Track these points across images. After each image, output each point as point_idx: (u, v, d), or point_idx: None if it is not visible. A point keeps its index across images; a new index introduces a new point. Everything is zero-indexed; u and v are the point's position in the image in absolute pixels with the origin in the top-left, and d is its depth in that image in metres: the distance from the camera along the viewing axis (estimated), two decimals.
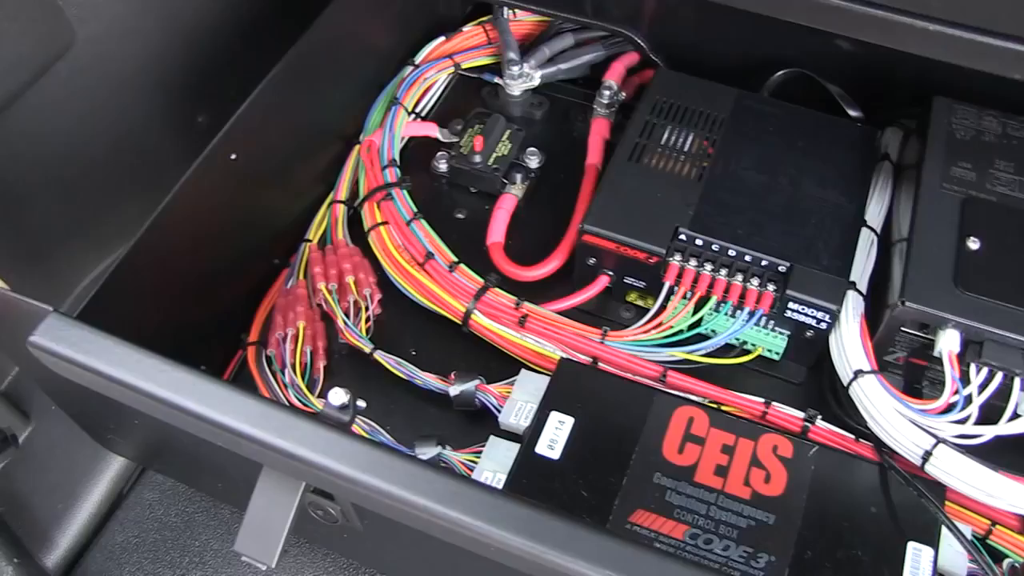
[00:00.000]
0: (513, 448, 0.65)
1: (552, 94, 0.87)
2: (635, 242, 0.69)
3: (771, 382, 0.72)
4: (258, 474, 0.55)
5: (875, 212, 0.74)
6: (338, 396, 0.58)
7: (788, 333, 0.70)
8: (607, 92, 0.82)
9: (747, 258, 0.69)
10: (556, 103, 0.86)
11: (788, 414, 0.68)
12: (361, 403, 0.64)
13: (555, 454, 0.64)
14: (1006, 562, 0.63)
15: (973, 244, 0.66)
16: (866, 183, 0.74)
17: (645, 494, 0.62)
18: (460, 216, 0.80)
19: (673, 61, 0.84)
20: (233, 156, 0.69)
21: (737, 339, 0.71)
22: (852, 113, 0.80)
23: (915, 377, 0.69)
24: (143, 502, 0.77)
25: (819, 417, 0.68)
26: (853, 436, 0.67)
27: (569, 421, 0.65)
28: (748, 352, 0.71)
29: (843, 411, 0.68)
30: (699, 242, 0.69)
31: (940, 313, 0.64)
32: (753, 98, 0.79)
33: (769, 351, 0.71)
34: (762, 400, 0.68)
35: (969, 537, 0.64)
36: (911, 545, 0.61)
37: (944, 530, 0.63)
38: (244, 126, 0.69)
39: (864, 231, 0.73)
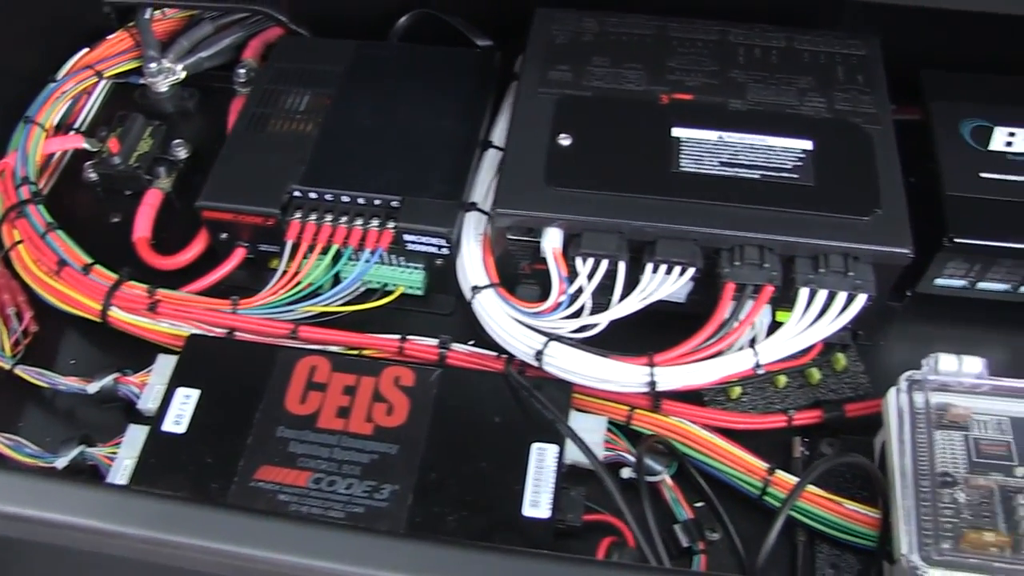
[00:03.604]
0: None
1: (208, 84, 0.86)
2: (249, 208, 0.69)
3: (424, 318, 0.72)
4: None
5: (504, 133, 0.74)
6: None
7: (422, 266, 0.70)
8: (242, 71, 0.83)
9: (360, 201, 0.69)
10: (212, 92, 0.86)
11: (424, 345, 0.68)
12: None
13: (181, 428, 0.63)
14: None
15: (564, 141, 0.67)
16: (483, 105, 0.75)
17: (269, 449, 0.62)
18: (116, 220, 0.79)
19: (317, 28, 0.85)
20: None
21: (377, 282, 0.71)
22: (480, 43, 0.81)
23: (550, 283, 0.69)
24: None
25: (470, 342, 0.68)
26: (495, 353, 0.67)
27: (195, 394, 0.64)
28: (389, 293, 0.71)
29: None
30: (313, 195, 0.69)
31: (531, 213, 0.64)
32: (373, 46, 0.79)
33: (411, 287, 0.71)
34: (397, 336, 0.68)
35: (604, 426, 0.64)
36: (535, 446, 0.61)
37: (573, 424, 0.63)
38: None
39: (492, 152, 0.73)
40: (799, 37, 0.73)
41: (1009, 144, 0.71)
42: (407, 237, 0.68)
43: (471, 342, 0.69)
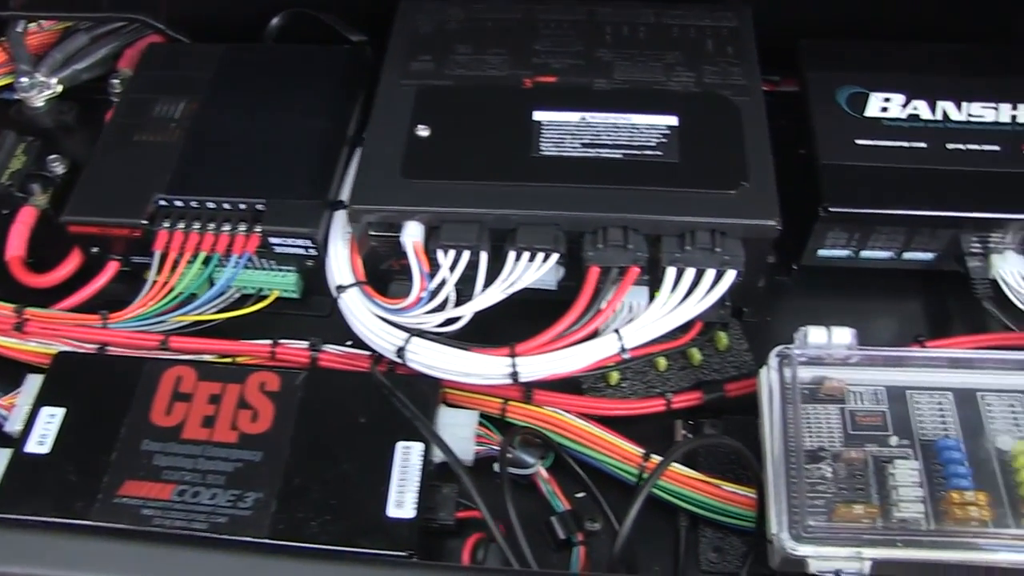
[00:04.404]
0: None
1: (90, 96, 0.85)
2: (114, 220, 0.68)
3: (302, 321, 0.71)
4: None
5: None
6: None
7: (293, 268, 0.69)
8: (116, 81, 0.81)
9: (226, 206, 0.68)
10: (93, 104, 0.84)
11: (295, 348, 0.67)
12: None
13: (45, 448, 0.62)
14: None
15: (423, 132, 0.65)
16: (353, 102, 0.73)
17: (134, 464, 0.60)
18: None
19: (196, 34, 0.83)
20: None
21: (252, 287, 0.70)
22: (354, 38, 0.79)
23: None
24: None
25: (348, 343, 0.67)
26: (368, 353, 0.66)
27: (60, 412, 0.63)
28: (265, 297, 0.70)
29: None
30: (179, 203, 0.68)
31: (386, 208, 0.63)
32: (243, 49, 0.78)
33: (286, 290, 0.70)
34: (269, 341, 0.67)
35: (476, 421, 0.63)
36: (400, 445, 0.60)
37: (443, 419, 0.62)
38: None
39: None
40: (668, 12, 0.71)
41: (885, 110, 0.69)
42: (273, 240, 0.67)
43: (349, 343, 0.67)
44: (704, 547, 0.61)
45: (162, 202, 0.68)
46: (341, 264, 0.65)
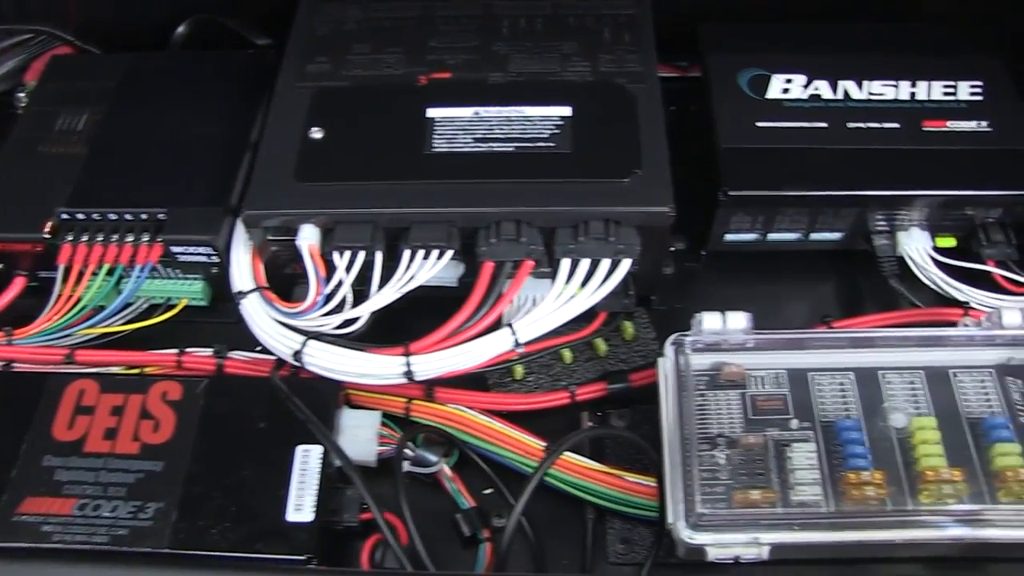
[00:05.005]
0: None
1: (1, 110, 0.85)
2: (14, 236, 0.68)
3: (212, 328, 0.70)
4: None
5: None
6: None
7: (200, 276, 0.69)
8: (22, 95, 0.81)
9: (128, 217, 0.67)
10: (2, 119, 0.83)
11: (200, 356, 0.66)
12: None
13: None
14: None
15: (316, 134, 0.65)
16: (255, 106, 0.73)
17: (34, 480, 0.60)
18: None
19: (107, 44, 0.83)
20: None
21: (160, 296, 0.70)
22: (260, 42, 0.79)
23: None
24: None
25: (257, 348, 0.66)
26: (274, 358, 0.66)
27: None
28: (173, 306, 0.70)
29: None
30: (80, 216, 0.68)
31: (279, 211, 0.62)
32: (147, 58, 0.78)
33: (193, 299, 0.70)
34: (175, 351, 0.67)
35: (378, 421, 0.62)
36: (299, 448, 0.60)
37: (345, 421, 0.62)
38: None
39: None
40: (565, 2, 0.71)
41: (786, 91, 0.69)
42: (175, 248, 0.66)
43: (258, 348, 0.67)
44: (612, 539, 0.61)
45: (64, 215, 0.68)
46: (242, 270, 0.65)
